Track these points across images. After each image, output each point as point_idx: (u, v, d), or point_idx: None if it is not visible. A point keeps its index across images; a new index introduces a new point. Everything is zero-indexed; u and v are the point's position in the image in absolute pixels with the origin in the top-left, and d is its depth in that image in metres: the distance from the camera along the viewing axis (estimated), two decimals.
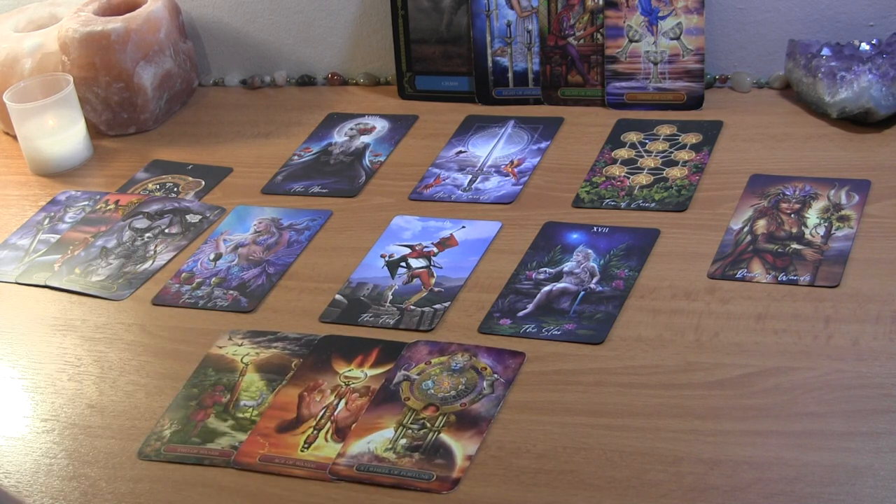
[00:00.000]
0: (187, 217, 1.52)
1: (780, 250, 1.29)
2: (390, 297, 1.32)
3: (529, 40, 1.65)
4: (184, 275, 1.41)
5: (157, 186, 1.60)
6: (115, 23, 1.69)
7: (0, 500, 1.09)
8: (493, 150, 1.57)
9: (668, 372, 1.16)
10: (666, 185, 1.44)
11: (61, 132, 1.66)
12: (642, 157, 1.50)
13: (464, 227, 1.42)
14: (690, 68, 1.59)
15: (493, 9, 1.64)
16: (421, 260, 1.37)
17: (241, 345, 1.28)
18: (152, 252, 1.46)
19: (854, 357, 1.14)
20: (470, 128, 1.63)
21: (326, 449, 1.12)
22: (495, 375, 1.18)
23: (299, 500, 1.08)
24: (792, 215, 1.34)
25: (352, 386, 1.20)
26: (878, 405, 1.08)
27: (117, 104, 1.71)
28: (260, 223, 1.49)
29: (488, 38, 1.66)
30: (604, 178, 1.47)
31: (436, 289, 1.32)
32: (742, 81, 1.62)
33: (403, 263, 1.37)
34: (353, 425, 1.15)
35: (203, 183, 1.60)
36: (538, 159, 1.54)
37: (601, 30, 1.61)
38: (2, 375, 1.29)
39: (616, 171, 1.48)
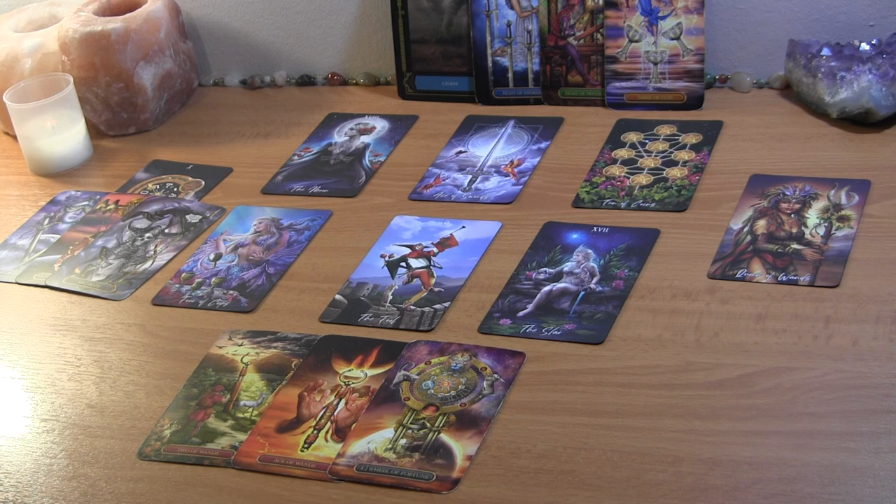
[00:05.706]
0: (187, 217, 1.52)
1: (780, 250, 1.29)
2: (390, 297, 1.32)
3: (529, 40, 1.64)
4: (184, 275, 1.41)
5: (157, 186, 1.60)
6: (114, 23, 1.69)
7: None
8: (493, 150, 1.57)
9: (668, 372, 1.16)
10: (666, 185, 1.44)
11: (61, 132, 1.66)
12: (642, 157, 1.50)
13: (464, 227, 1.42)
14: (690, 68, 1.59)
15: (493, 9, 1.64)
16: (421, 260, 1.37)
17: (241, 345, 1.28)
18: (152, 252, 1.46)
19: (854, 357, 1.14)
20: (470, 128, 1.63)
21: (326, 449, 1.12)
22: (495, 375, 1.18)
23: (299, 500, 1.08)
24: (792, 215, 1.34)
25: (352, 386, 1.20)
26: (878, 405, 1.08)
27: (117, 104, 1.71)
28: (260, 223, 1.49)
29: (488, 38, 1.65)
30: (604, 178, 1.47)
31: (436, 289, 1.32)
32: (742, 81, 1.62)
33: (403, 263, 1.37)
34: (353, 425, 1.15)
35: (203, 183, 1.60)
36: (538, 159, 1.54)
37: (601, 30, 1.61)
38: (2, 375, 1.29)
39: (616, 171, 1.48)
